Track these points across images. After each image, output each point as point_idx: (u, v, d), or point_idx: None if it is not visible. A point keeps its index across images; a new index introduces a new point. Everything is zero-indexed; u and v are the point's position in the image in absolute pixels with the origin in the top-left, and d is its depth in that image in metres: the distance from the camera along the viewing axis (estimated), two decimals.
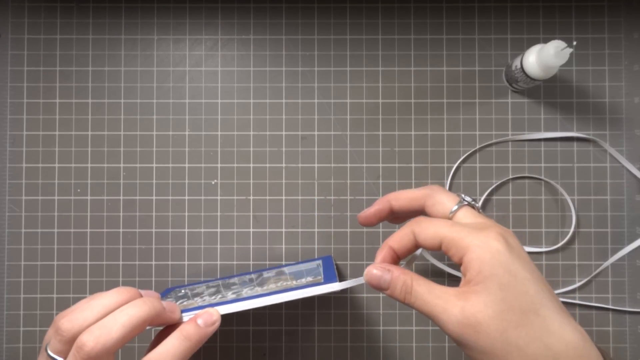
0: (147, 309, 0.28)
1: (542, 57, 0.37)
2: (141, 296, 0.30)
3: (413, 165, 0.44)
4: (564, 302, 0.44)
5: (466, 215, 0.28)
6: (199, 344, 0.29)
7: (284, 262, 0.44)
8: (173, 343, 0.28)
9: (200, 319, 0.29)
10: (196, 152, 0.44)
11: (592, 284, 0.44)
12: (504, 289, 0.24)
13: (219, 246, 0.44)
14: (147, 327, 0.29)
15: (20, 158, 0.44)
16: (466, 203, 0.29)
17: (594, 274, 0.43)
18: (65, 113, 0.44)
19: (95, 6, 0.45)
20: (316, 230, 0.44)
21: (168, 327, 0.30)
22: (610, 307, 0.43)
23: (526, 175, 0.44)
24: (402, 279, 0.27)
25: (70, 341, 0.27)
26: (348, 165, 0.44)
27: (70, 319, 0.27)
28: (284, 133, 0.45)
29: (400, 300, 0.27)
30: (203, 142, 0.44)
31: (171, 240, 0.44)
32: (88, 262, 0.44)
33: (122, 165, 0.44)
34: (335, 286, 0.31)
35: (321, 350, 0.44)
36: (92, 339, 0.26)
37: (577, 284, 0.44)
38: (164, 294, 0.41)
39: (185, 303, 0.35)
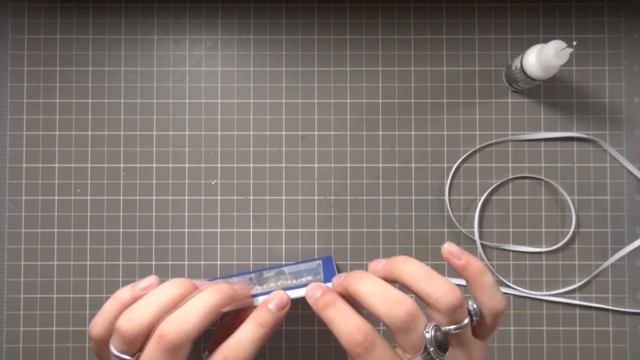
0: (220, 296, 0.28)
1: (542, 57, 0.37)
2: (196, 287, 0.29)
3: (413, 165, 0.44)
4: (563, 303, 0.44)
5: None
6: (273, 329, 0.29)
7: (284, 262, 0.44)
8: (250, 330, 0.28)
9: (271, 304, 0.29)
10: (196, 152, 0.44)
11: (592, 284, 0.44)
12: None
13: (219, 246, 0.44)
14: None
15: (20, 158, 0.44)
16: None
17: (594, 274, 0.43)
18: (65, 113, 0.44)
19: (95, 6, 0.45)
20: (316, 230, 0.44)
21: (237, 313, 0.31)
22: (610, 307, 0.43)
23: (526, 175, 0.44)
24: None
25: (133, 342, 0.26)
26: (348, 165, 0.44)
27: (129, 319, 0.27)
28: (284, 133, 0.44)
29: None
30: (203, 142, 0.44)
31: (171, 240, 0.44)
32: (88, 262, 0.44)
33: (122, 165, 0.44)
34: None
35: (321, 350, 0.44)
36: (174, 328, 0.26)
37: (577, 284, 0.44)
38: None
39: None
